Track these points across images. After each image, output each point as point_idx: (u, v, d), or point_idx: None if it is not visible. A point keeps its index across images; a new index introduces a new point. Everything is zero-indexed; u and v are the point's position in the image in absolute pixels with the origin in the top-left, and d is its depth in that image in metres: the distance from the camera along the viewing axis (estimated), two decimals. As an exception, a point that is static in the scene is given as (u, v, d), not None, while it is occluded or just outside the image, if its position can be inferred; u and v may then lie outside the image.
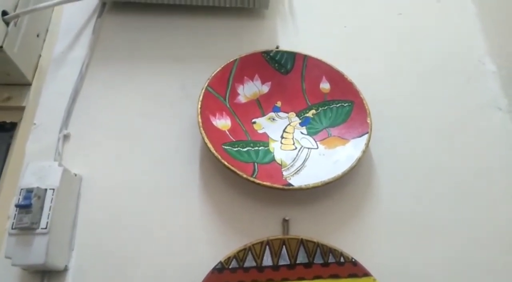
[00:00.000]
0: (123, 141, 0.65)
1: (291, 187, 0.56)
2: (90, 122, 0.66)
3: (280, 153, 0.63)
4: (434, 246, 0.58)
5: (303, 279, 0.54)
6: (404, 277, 0.56)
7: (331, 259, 0.54)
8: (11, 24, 0.65)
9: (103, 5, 0.78)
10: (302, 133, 0.65)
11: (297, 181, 0.58)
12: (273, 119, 0.67)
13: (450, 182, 0.63)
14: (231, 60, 0.68)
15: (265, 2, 0.75)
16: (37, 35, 0.74)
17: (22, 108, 0.69)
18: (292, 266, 0.54)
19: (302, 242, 0.55)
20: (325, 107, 0.67)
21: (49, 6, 0.71)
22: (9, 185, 0.62)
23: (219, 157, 0.57)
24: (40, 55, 0.74)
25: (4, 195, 0.62)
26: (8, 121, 0.69)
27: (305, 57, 0.70)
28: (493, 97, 0.72)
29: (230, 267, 0.53)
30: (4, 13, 0.64)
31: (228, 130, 0.63)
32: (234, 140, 0.62)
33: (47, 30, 0.77)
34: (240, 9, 0.78)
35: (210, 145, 0.58)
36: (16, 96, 0.70)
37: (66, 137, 0.64)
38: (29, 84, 0.71)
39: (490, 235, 0.59)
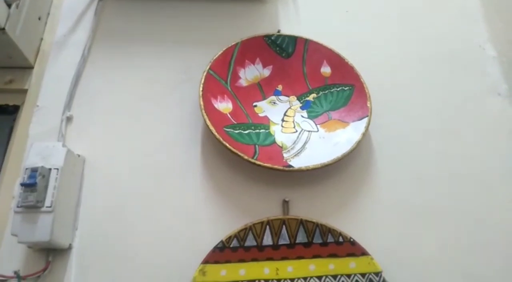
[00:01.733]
0: (126, 123, 0.65)
1: (291, 168, 0.57)
2: (92, 104, 0.67)
3: (281, 135, 0.63)
4: (431, 228, 0.59)
5: (303, 258, 0.55)
6: (400, 257, 0.57)
7: (330, 239, 0.55)
8: (13, 6, 0.65)
9: (104, -12, 0.78)
10: (302, 116, 0.66)
11: (297, 163, 0.58)
12: (274, 102, 0.67)
13: (449, 166, 0.64)
14: (233, 43, 0.68)
15: (266, -14, 0.75)
16: (39, 18, 0.74)
17: (24, 91, 0.70)
18: (291, 245, 0.55)
19: (302, 222, 0.56)
20: (326, 91, 0.68)
21: (51, -12, 0.71)
22: (13, 167, 0.63)
23: (221, 139, 0.57)
24: (42, 38, 0.74)
25: (7, 176, 0.63)
26: (11, 104, 0.70)
27: (306, 41, 0.70)
28: (493, 82, 0.72)
29: (231, 246, 0.54)
30: (6, -6, 0.64)
31: (229, 113, 0.64)
32: (236, 123, 0.63)
33: (48, 13, 0.77)
34: (241, -7, 0.78)
35: (211, 127, 0.58)
36: (18, 79, 0.70)
37: (69, 119, 0.65)
38: (31, 67, 0.71)
39: (488, 219, 0.60)
